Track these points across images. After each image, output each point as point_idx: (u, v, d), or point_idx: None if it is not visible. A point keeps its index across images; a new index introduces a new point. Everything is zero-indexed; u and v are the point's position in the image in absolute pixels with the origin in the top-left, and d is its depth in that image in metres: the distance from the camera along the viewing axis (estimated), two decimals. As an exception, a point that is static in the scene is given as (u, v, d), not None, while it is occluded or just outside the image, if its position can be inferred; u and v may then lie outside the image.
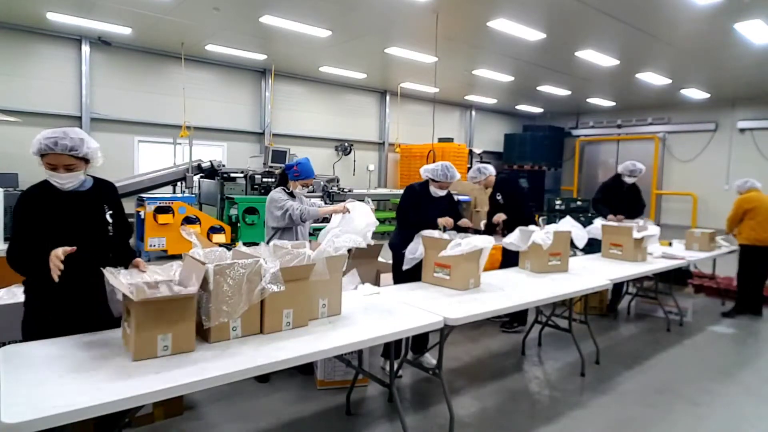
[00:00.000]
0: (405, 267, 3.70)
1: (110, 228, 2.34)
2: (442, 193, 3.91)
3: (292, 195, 3.65)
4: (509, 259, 4.47)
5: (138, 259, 2.35)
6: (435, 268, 3.44)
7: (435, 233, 3.57)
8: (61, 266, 1.96)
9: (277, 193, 3.60)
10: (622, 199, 5.56)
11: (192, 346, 2.07)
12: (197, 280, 2.05)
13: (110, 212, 2.36)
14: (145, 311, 1.93)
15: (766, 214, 5.52)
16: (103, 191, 2.39)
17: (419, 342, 3.64)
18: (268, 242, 3.32)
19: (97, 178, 2.40)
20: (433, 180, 3.86)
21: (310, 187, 3.66)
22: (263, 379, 3.55)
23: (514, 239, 4.14)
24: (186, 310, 2.03)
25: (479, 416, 3.21)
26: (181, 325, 2.03)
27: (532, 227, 4.23)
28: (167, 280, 2.14)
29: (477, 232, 4.11)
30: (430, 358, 3.74)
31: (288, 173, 3.67)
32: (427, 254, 3.51)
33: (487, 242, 3.36)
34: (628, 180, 5.55)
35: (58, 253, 1.98)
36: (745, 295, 5.68)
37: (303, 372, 3.70)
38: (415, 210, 3.84)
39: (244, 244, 3.29)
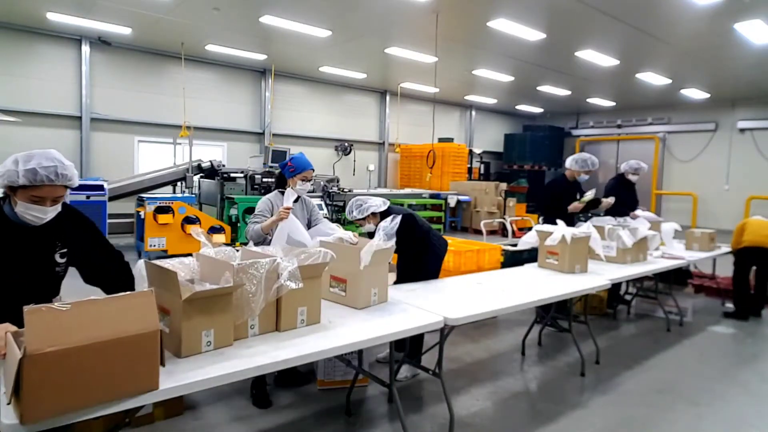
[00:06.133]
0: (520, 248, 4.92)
1: (59, 269, 2.02)
2: (587, 177, 4.94)
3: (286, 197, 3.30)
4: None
5: None
6: (547, 255, 4.21)
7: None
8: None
9: (262, 202, 3.35)
10: (631, 196, 5.99)
11: (231, 341, 2.09)
12: (231, 276, 2.05)
13: (63, 250, 2.01)
14: (192, 307, 1.94)
15: (758, 223, 5.70)
16: (60, 223, 1.98)
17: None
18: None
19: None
20: (579, 170, 4.89)
21: (311, 181, 3.41)
22: (264, 404, 3.22)
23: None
24: (226, 304, 2.05)
25: (479, 416, 3.21)
26: (221, 319, 2.04)
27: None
28: (190, 279, 2.11)
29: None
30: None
31: (284, 172, 3.42)
32: (541, 244, 4.27)
33: (588, 230, 4.14)
34: (632, 178, 5.93)
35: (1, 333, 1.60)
36: (744, 298, 5.64)
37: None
38: (560, 200, 4.85)
39: (243, 243, 3.27)
